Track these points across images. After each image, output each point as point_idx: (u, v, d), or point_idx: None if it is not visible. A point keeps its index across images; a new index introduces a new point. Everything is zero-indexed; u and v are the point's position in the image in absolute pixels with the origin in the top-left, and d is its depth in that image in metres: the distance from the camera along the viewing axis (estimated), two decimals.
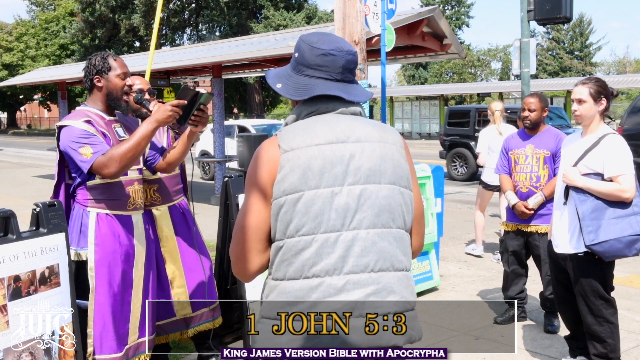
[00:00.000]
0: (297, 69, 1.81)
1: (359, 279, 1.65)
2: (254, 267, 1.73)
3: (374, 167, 1.72)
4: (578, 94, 3.49)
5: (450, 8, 50.96)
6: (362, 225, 1.68)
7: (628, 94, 46.22)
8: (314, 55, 1.77)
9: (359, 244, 1.67)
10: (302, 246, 1.65)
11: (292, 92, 1.79)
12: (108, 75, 3.11)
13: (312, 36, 1.82)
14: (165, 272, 3.59)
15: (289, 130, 1.74)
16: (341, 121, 1.76)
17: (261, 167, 1.71)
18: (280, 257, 1.68)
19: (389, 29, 7.67)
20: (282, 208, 1.66)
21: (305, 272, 1.65)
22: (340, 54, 1.78)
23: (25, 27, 47.45)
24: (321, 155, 1.68)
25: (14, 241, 2.61)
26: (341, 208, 1.66)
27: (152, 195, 3.59)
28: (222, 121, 11.50)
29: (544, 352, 4.14)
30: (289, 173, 1.66)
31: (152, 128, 2.92)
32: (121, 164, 2.89)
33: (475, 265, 6.53)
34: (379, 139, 1.77)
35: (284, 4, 36.67)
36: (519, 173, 4.56)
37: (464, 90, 39.40)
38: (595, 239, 3.30)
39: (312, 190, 1.65)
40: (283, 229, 1.67)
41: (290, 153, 1.68)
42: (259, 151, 1.74)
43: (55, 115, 49.07)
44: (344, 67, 1.78)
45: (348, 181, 1.68)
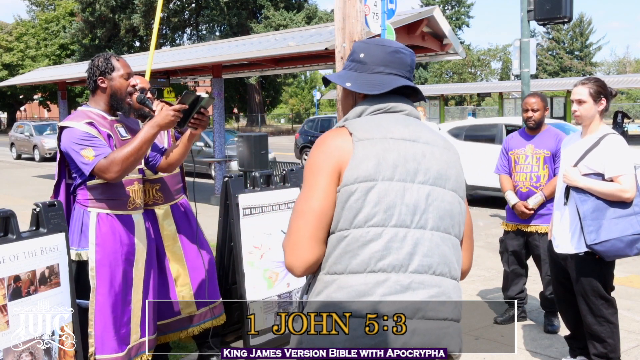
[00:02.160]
0: (363, 69, 1.78)
1: (423, 279, 1.61)
2: (314, 257, 1.62)
3: (441, 170, 1.70)
4: (578, 95, 3.49)
5: (450, 8, 50.99)
6: (428, 225, 1.64)
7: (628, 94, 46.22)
8: (385, 53, 1.76)
9: (425, 244, 1.63)
10: (371, 237, 1.58)
11: (367, 87, 1.75)
12: (112, 76, 3.11)
13: (371, 39, 1.82)
14: (169, 271, 3.60)
15: (359, 122, 1.70)
16: (410, 122, 1.74)
17: (330, 152, 1.64)
18: (343, 249, 1.59)
19: (389, 29, 7.67)
20: (352, 195, 1.59)
21: (372, 265, 1.58)
22: (407, 52, 1.79)
23: (25, 27, 47.42)
24: (396, 149, 1.65)
25: (14, 241, 2.61)
26: (412, 204, 1.62)
27: (154, 194, 3.59)
28: (222, 121, 11.49)
29: (544, 352, 4.14)
30: (364, 160, 1.61)
31: (153, 132, 2.93)
32: (123, 167, 2.89)
33: (475, 265, 6.53)
34: (444, 145, 1.76)
35: (284, 4, 36.70)
36: (519, 173, 4.56)
37: (464, 90, 39.39)
38: (596, 239, 3.30)
39: (386, 181, 1.61)
40: (350, 218, 1.59)
41: (365, 142, 1.63)
42: (326, 139, 1.68)
43: (55, 116, 49.03)
44: (411, 66, 1.79)
45: (418, 179, 1.65)
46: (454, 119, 41.04)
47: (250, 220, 3.93)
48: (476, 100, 49.56)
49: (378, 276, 1.57)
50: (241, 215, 3.88)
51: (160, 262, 3.56)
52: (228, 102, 41.45)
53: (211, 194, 11.19)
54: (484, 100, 48.81)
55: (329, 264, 1.62)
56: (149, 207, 3.54)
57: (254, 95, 42.22)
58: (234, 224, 3.85)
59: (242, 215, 3.89)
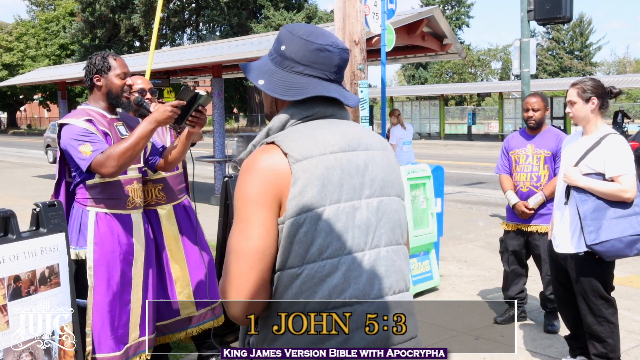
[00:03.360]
0: (283, 65, 1.56)
1: (386, 303, 1.50)
2: (264, 304, 1.46)
3: (385, 177, 1.55)
4: (568, 96, 3.56)
5: (450, 8, 50.98)
6: (382, 242, 1.51)
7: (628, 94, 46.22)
8: (307, 50, 1.54)
9: (382, 264, 1.50)
10: (328, 271, 1.43)
11: (281, 91, 1.54)
12: (108, 75, 3.12)
13: (301, 28, 1.58)
14: (169, 271, 3.60)
15: (290, 136, 1.48)
16: (345, 126, 1.55)
17: (265, 179, 1.43)
18: (298, 288, 1.43)
19: (389, 29, 7.67)
20: (301, 228, 1.41)
21: (333, 302, 1.43)
22: (336, 51, 1.56)
23: (25, 27, 47.46)
24: (339, 165, 1.47)
25: (14, 241, 2.61)
26: (363, 224, 1.48)
27: (157, 194, 3.60)
28: (222, 121, 11.50)
29: (544, 352, 4.14)
30: (307, 186, 1.42)
31: (151, 128, 2.92)
32: (119, 162, 2.89)
33: (475, 265, 6.53)
34: (381, 146, 1.60)
35: (284, 4, 36.72)
36: (519, 173, 4.56)
37: (464, 90, 39.42)
38: (596, 239, 3.30)
39: (334, 205, 1.44)
40: (302, 253, 1.42)
41: (304, 163, 1.44)
42: (255, 162, 1.46)
43: (55, 115, 49.03)
44: (339, 66, 1.57)
45: (365, 193, 1.50)
46: (453, 119, 41.07)
47: None
48: (476, 100, 49.58)
49: (342, 311, 1.44)
50: None
51: (160, 262, 3.56)
52: (228, 102, 41.49)
53: (211, 194, 11.19)
54: (484, 100, 48.83)
55: (282, 305, 1.45)
56: (151, 207, 3.54)
57: (254, 95, 42.21)
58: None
59: None
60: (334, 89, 1.57)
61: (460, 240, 7.79)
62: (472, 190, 12.81)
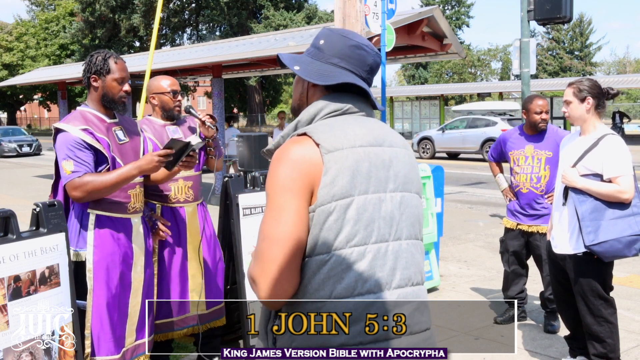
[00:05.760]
0: (319, 57, 1.65)
1: (406, 293, 1.56)
2: (295, 289, 1.50)
3: (407, 174, 1.63)
4: (565, 96, 3.59)
5: (450, 8, 50.97)
6: (403, 235, 1.58)
7: (628, 94, 46.21)
8: (345, 45, 1.63)
9: (403, 256, 1.57)
10: (355, 258, 1.49)
11: (314, 76, 1.61)
12: (105, 78, 3.05)
13: (341, 28, 1.71)
14: (187, 268, 3.65)
15: (321, 129, 1.55)
16: (371, 123, 1.63)
17: (298, 167, 1.49)
18: (326, 274, 1.48)
19: (389, 29, 7.67)
20: (330, 215, 1.47)
21: (359, 288, 1.49)
22: (371, 52, 1.66)
23: (25, 27, 47.42)
24: (367, 158, 1.54)
25: (14, 241, 2.61)
26: (388, 216, 1.55)
27: (186, 192, 3.67)
28: (222, 121, 11.50)
29: (544, 352, 4.14)
30: (338, 176, 1.49)
31: (134, 174, 2.97)
32: (91, 195, 2.92)
33: (475, 265, 6.53)
34: (403, 144, 1.67)
35: (284, 4, 36.73)
36: (519, 174, 4.55)
37: (464, 90, 39.41)
38: (594, 240, 3.30)
39: (362, 195, 1.51)
40: (331, 240, 1.47)
41: (335, 154, 1.50)
42: (288, 152, 1.52)
43: (55, 115, 49.08)
44: (371, 67, 1.67)
45: (389, 187, 1.57)
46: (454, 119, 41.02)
47: (250, 220, 3.93)
48: (476, 100, 49.55)
49: (367, 298, 1.50)
50: (241, 215, 3.89)
51: (183, 259, 3.62)
52: (228, 102, 41.44)
53: (211, 194, 11.19)
54: (484, 100, 48.79)
55: (309, 290, 1.50)
56: (180, 205, 3.61)
57: (254, 95, 42.23)
58: (234, 224, 3.86)
59: (242, 215, 3.89)
60: (364, 86, 1.64)
61: (460, 240, 7.79)
62: (472, 190, 12.81)
